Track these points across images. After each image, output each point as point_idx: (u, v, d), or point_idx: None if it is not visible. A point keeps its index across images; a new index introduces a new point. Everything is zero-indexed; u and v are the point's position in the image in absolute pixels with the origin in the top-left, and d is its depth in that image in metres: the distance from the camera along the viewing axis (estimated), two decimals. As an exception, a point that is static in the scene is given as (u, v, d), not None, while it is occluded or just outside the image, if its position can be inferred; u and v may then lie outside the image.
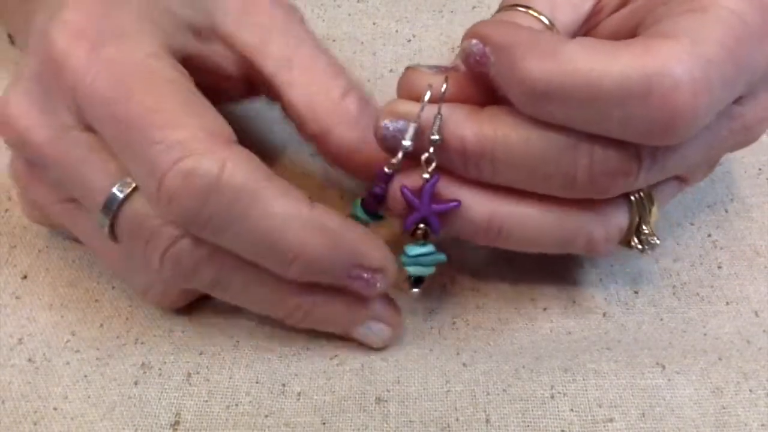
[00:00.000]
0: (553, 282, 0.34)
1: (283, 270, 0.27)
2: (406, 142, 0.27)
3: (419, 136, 0.27)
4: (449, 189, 0.28)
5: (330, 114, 0.31)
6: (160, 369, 0.30)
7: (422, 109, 0.27)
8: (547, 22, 0.29)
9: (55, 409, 0.29)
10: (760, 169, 0.38)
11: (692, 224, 0.37)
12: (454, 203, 0.28)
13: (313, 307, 0.29)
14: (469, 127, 0.27)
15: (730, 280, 0.34)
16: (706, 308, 0.33)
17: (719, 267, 0.35)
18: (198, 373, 0.30)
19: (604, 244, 0.30)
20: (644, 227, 0.30)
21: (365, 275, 0.28)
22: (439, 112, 0.27)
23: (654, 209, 0.30)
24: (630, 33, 0.29)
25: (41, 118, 0.28)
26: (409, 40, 0.43)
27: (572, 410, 0.29)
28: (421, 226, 0.28)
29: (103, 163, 0.28)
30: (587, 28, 0.31)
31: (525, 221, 0.29)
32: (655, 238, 0.30)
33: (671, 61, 0.24)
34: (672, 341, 0.32)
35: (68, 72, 0.27)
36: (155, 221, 0.27)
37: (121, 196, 0.27)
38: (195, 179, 0.25)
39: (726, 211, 0.37)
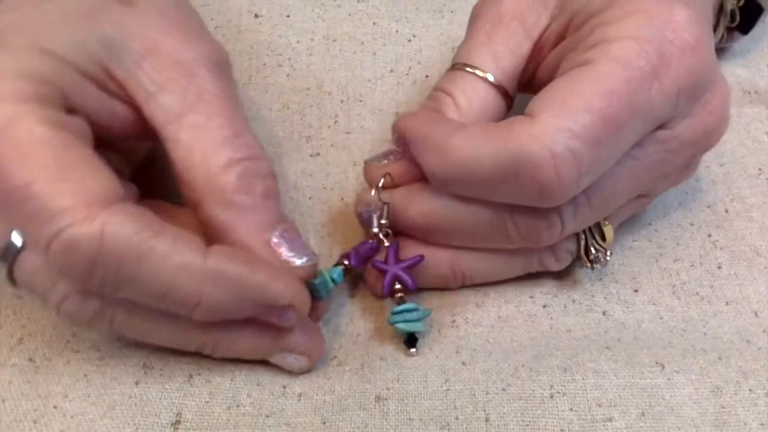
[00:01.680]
0: (553, 280, 0.34)
1: (187, 314, 0.27)
2: (375, 229, 0.32)
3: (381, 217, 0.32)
4: (412, 250, 0.32)
5: (204, 186, 0.29)
6: (161, 369, 0.30)
7: (378, 197, 0.32)
8: (492, 79, 0.32)
9: (55, 407, 0.29)
10: (760, 169, 0.38)
11: (692, 224, 0.37)
12: (417, 257, 0.32)
13: (221, 343, 0.30)
14: (413, 208, 0.31)
15: (730, 280, 0.34)
16: (705, 308, 0.33)
17: (719, 267, 0.35)
18: (200, 374, 0.30)
19: (557, 265, 0.33)
20: (592, 249, 0.33)
21: (275, 313, 0.28)
22: (383, 203, 0.32)
23: (608, 231, 0.33)
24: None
25: None
26: (409, 40, 0.43)
27: (571, 409, 0.29)
28: (398, 286, 0.32)
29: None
30: (535, 64, 0.33)
31: (482, 265, 0.33)
32: (607, 255, 0.33)
33: (530, 143, 0.27)
34: (672, 340, 0.32)
35: None
36: (47, 276, 0.27)
37: (18, 245, 0.27)
38: (77, 249, 0.25)
39: (726, 211, 0.37)
